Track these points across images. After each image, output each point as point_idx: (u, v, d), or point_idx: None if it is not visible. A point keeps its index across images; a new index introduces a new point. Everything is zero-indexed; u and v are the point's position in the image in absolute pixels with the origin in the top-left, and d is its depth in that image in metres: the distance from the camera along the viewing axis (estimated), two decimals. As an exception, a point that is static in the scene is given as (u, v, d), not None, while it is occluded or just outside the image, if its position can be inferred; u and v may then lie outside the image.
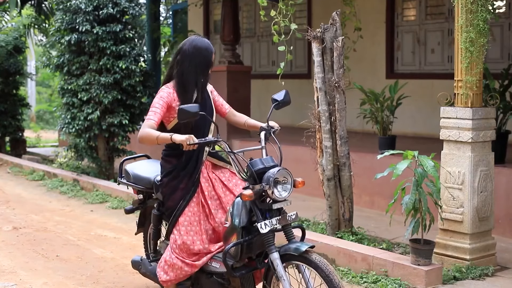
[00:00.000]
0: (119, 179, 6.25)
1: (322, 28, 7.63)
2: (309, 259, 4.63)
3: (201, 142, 4.93)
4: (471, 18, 6.47)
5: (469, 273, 6.51)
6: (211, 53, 5.31)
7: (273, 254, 4.71)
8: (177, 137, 4.87)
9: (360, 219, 8.43)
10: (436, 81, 11.59)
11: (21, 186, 12.48)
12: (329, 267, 4.59)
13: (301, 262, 4.71)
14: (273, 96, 5.34)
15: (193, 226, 5.23)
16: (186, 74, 5.25)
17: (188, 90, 5.24)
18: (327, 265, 4.59)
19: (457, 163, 6.69)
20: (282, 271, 4.67)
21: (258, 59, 15.87)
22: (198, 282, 5.39)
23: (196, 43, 5.29)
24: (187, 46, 5.28)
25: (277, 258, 4.69)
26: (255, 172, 4.81)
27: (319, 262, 4.59)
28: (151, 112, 5.14)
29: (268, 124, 5.30)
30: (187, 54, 5.26)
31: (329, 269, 4.56)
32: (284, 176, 4.81)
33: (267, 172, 4.78)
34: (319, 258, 4.63)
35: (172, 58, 5.42)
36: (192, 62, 5.24)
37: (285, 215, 4.86)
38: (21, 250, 7.96)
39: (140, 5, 12.46)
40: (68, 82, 11.98)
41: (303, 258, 4.66)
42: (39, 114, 29.01)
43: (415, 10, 12.48)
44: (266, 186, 4.72)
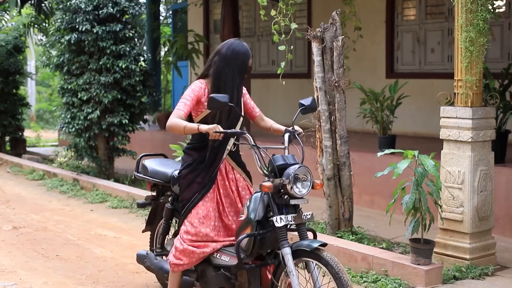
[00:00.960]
0: (135, 173, 6.33)
1: (322, 27, 7.63)
2: (320, 255, 4.71)
3: (227, 132, 5.03)
4: (471, 18, 6.47)
5: (469, 272, 6.51)
6: (248, 58, 5.40)
7: (285, 249, 4.78)
8: (204, 126, 5.01)
9: (360, 218, 8.43)
10: (436, 80, 11.59)
11: (21, 185, 12.48)
12: (339, 265, 4.67)
13: (312, 259, 4.78)
14: (300, 101, 5.42)
15: (205, 219, 5.29)
16: (222, 76, 5.34)
17: (221, 91, 5.29)
18: (337, 263, 4.68)
19: (457, 162, 6.69)
20: (292, 266, 4.74)
21: (258, 58, 15.86)
22: (204, 275, 5.43)
23: (234, 47, 5.38)
24: (225, 49, 5.37)
25: (288, 253, 4.76)
26: (277, 167, 4.91)
27: (330, 260, 4.68)
28: (181, 103, 5.26)
29: (293, 127, 5.34)
30: (224, 57, 5.34)
31: (339, 267, 4.65)
32: (304, 174, 4.93)
33: (288, 168, 4.89)
34: (330, 256, 4.71)
35: (209, 58, 5.51)
36: (230, 65, 5.32)
37: (300, 213, 4.98)
38: (21, 249, 7.96)
39: (140, 5, 12.46)
40: (68, 82, 11.98)
41: (314, 255, 4.74)
42: (39, 114, 29.00)
43: (415, 9, 12.48)
44: (286, 181, 4.82)
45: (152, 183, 6.19)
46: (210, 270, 5.37)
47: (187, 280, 5.55)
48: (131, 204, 10.19)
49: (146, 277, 6.82)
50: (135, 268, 7.12)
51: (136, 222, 9.31)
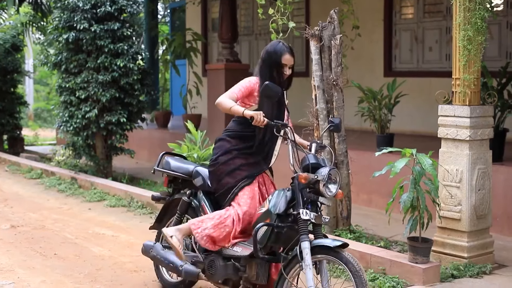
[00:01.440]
0: (155, 168, 6.45)
1: (320, 26, 7.63)
2: (341, 254, 4.87)
3: (270, 122, 5.27)
4: (469, 16, 6.47)
5: (467, 271, 6.51)
6: (279, 55, 5.66)
7: (304, 242, 4.91)
8: (249, 111, 5.37)
9: (358, 217, 8.44)
10: (434, 79, 11.59)
11: (19, 184, 12.47)
12: (359, 264, 4.85)
13: (332, 256, 4.91)
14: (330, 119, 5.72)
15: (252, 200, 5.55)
16: (262, 74, 5.71)
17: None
18: (358, 262, 4.86)
19: (455, 161, 6.69)
20: (310, 260, 4.85)
21: (256, 57, 15.84)
22: (212, 266, 5.54)
23: (268, 48, 5.79)
24: (263, 50, 5.82)
25: (307, 247, 4.88)
26: (311, 165, 5.14)
27: (351, 258, 4.85)
28: (236, 88, 5.69)
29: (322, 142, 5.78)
30: (262, 57, 5.78)
31: (360, 266, 4.83)
32: (335, 177, 5.17)
33: (320, 168, 5.12)
34: (350, 255, 4.88)
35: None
36: (265, 63, 5.71)
37: (320, 214, 5.16)
38: (19, 248, 7.95)
39: (138, 3, 12.44)
40: (66, 80, 11.97)
41: (335, 253, 4.89)
42: (37, 112, 28.96)
43: (413, 8, 12.48)
44: (321, 177, 5.03)
45: (169, 180, 6.36)
46: (220, 260, 5.49)
47: (193, 270, 5.62)
48: (129, 202, 10.19)
49: (145, 275, 6.82)
50: (133, 267, 7.12)
51: (134, 220, 9.31)
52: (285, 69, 5.69)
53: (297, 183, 5.08)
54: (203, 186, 5.89)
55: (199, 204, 5.92)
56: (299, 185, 5.07)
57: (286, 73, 5.71)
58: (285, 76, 5.71)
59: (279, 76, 5.66)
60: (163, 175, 6.42)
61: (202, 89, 14.45)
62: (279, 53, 5.66)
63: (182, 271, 5.70)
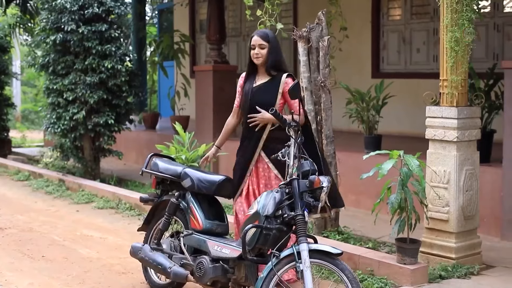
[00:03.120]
0: (143, 169, 6.44)
1: (308, 27, 7.64)
2: (337, 260, 4.97)
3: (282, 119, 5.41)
4: (456, 18, 6.49)
5: (454, 271, 6.53)
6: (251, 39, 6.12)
7: (303, 244, 4.95)
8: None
9: (346, 218, 8.44)
10: (421, 80, 11.62)
11: (6, 186, 12.43)
12: (354, 272, 5.00)
13: (327, 262, 4.99)
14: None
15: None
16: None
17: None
18: (352, 270, 4.98)
19: (443, 162, 6.71)
20: (309, 262, 4.90)
21: (244, 58, 15.85)
22: (200, 267, 5.54)
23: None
24: None
25: (306, 249, 4.92)
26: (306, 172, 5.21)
27: (347, 266, 4.97)
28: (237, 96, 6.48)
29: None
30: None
31: (354, 274, 4.95)
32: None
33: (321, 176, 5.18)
34: (345, 263, 5.00)
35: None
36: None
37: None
38: (6, 250, 7.92)
39: (126, 5, 12.44)
40: (53, 82, 11.93)
41: (331, 259, 4.98)
42: (25, 114, 28.87)
43: (400, 9, 12.51)
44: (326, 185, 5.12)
45: (157, 181, 6.36)
46: (208, 262, 5.48)
47: (181, 272, 5.63)
48: (117, 204, 10.17)
49: (133, 277, 6.81)
50: (121, 268, 7.11)
51: (122, 222, 9.30)
52: (255, 50, 6.02)
53: (296, 186, 5.09)
54: (191, 188, 5.90)
55: (187, 206, 5.93)
56: (299, 188, 5.08)
57: (257, 53, 6.01)
58: (257, 57, 6.02)
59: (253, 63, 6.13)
60: (151, 176, 6.42)
61: (190, 91, 14.44)
62: (250, 37, 6.14)
63: (171, 273, 5.70)
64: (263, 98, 5.99)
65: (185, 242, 5.84)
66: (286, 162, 5.25)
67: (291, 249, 4.99)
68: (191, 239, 5.78)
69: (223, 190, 5.91)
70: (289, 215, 5.04)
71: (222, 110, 12.08)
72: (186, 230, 5.93)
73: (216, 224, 5.87)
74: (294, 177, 5.13)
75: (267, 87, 6.05)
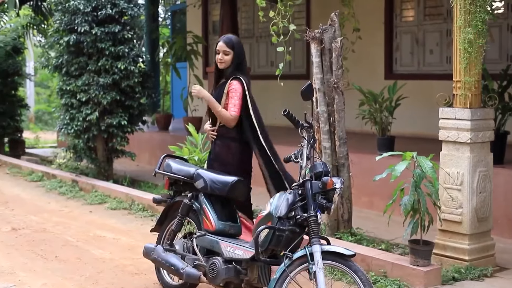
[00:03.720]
0: (156, 170, 6.45)
1: (321, 29, 7.63)
2: (350, 262, 4.97)
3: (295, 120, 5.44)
4: (470, 19, 6.47)
5: (468, 273, 6.51)
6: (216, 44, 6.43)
7: (316, 246, 4.96)
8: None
9: (359, 220, 8.43)
10: (434, 81, 11.58)
11: (19, 187, 12.47)
12: (366, 274, 5.00)
13: (340, 264, 5.00)
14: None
15: None
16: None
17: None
18: (365, 272, 4.99)
19: (456, 163, 6.69)
20: (321, 263, 4.90)
21: (257, 60, 15.87)
22: (213, 268, 5.55)
23: None
24: None
25: (319, 251, 4.93)
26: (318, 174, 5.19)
27: (360, 267, 4.98)
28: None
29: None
30: None
31: (367, 276, 4.95)
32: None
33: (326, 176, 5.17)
34: (358, 265, 5.00)
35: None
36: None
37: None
38: (20, 251, 7.96)
39: (139, 6, 12.46)
40: (66, 83, 11.97)
41: (344, 261, 4.99)
42: (38, 115, 28.96)
43: (413, 10, 12.48)
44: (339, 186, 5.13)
45: (170, 182, 6.37)
46: (221, 263, 5.50)
47: (194, 273, 5.64)
48: (130, 205, 10.19)
49: (145, 278, 6.82)
50: (134, 269, 7.13)
51: (135, 223, 9.31)
52: (219, 55, 6.34)
53: (309, 187, 5.09)
54: (204, 189, 5.90)
55: (200, 207, 5.93)
56: (312, 190, 5.08)
57: (220, 59, 6.32)
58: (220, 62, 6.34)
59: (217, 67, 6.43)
60: (164, 177, 6.43)
61: (203, 92, 14.42)
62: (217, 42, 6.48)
63: (184, 274, 5.71)
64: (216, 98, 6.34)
65: (198, 243, 5.84)
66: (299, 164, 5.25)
67: (304, 251, 4.99)
68: (204, 240, 5.79)
69: (236, 191, 5.91)
70: (302, 217, 5.04)
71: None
72: (199, 231, 5.93)
73: (229, 225, 5.87)
74: (307, 178, 5.12)
75: (220, 88, 6.37)
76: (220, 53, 6.32)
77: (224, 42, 6.36)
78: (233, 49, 6.32)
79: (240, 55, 6.38)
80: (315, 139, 5.46)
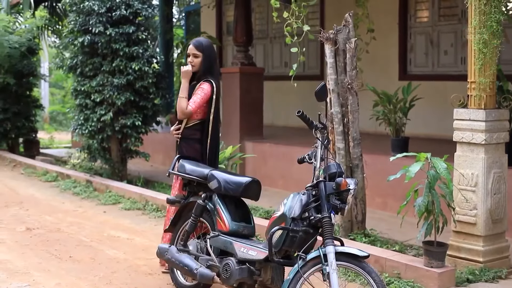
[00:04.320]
0: (170, 171, 6.51)
1: (335, 29, 7.63)
2: (363, 263, 4.96)
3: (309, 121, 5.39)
4: (484, 20, 6.45)
5: (482, 275, 6.49)
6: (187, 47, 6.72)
7: (329, 247, 4.94)
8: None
9: (373, 221, 8.42)
10: (449, 82, 11.55)
11: (34, 187, 12.52)
12: (380, 275, 5.00)
13: (354, 265, 4.99)
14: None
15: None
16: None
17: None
18: (378, 273, 4.98)
19: (471, 165, 6.67)
20: (335, 264, 4.89)
21: (271, 60, 15.87)
22: (227, 269, 5.54)
23: None
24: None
25: (333, 252, 4.92)
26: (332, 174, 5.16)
27: (373, 268, 4.96)
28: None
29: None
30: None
31: (381, 277, 4.94)
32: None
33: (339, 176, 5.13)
34: (372, 266, 4.99)
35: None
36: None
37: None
38: (34, 250, 7.99)
39: (153, 7, 12.48)
40: (81, 84, 12.01)
41: (358, 262, 4.97)
42: (53, 116, 29.10)
43: (428, 11, 12.45)
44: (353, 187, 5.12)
45: (184, 183, 6.42)
46: (234, 264, 5.49)
47: (208, 274, 5.65)
48: (144, 205, 10.21)
49: (159, 278, 6.83)
50: (148, 269, 7.14)
51: (149, 223, 9.33)
52: (189, 58, 6.60)
53: (323, 188, 5.08)
54: (218, 189, 5.90)
55: (214, 207, 5.94)
56: (326, 190, 5.07)
57: (191, 61, 6.59)
58: (190, 63, 6.59)
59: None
60: (178, 178, 6.44)
61: (216, 93, 14.43)
62: (187, 44, 6.60)
63: (197, 274, 5.71)
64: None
65: (211, 244, 5.85)
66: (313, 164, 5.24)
67: (318, 252, 4.98)
68: (217, 241, 5.79)
69: (250, 191, 5.90)
70: (315, 217, 5.03)
71: (249, 112, 12.11)
72: (212, 231, 5.94)
73: (243, 226, 5.87)
74: (321, 179, 5.12)
75: (192, 89, 6.63)
76: (190, 56, 6.58)
77: (193, 45, 6.61)
78: (203, 52, 6.56)
79: (211, 58, 6.62)
80: (329, 140, 5.44)
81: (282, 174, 11.19)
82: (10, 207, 10.52)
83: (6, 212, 10.17)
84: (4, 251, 7.96)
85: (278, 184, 11.20)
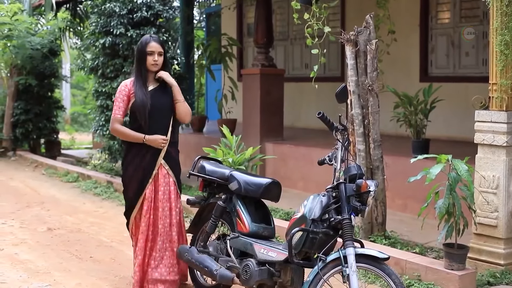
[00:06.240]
0: (190, 172, 6.52)
1: (356, 31, 7.61)
2: (383, 265, 4.93)
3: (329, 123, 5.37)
4: (506, 21, 6.42)
5: (503, 278, 6.45)
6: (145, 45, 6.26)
7: (349, 248, 4.92)
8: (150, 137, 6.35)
9: (393, 223, 8.40)
10: (470, 84, 11.50)
11: (55, 187, 12.60)
12: (400, 277, 4.95)
13: (374, 267, 4.96)
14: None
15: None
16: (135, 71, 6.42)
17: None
18: (399, 275, 4.94)
19: (492, 167, 6.63)
20: (355, 266, 4.88)
21: (291, 62, 15.86)
22: (247, 270, 5.53)
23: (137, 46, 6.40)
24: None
25: (353, 253, 4.90)
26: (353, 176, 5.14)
27: (393, 270, 4.93)
28: (115, 108, 6.32)
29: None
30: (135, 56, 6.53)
31: (401, 279, 4.90)
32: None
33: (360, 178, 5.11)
34: (392, 268, 4.96)
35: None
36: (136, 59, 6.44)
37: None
38: (55, 251, 8.03)
39: (174, 8, 12.51)
40: (102, 85, 12.06)
41: (378, 264, 4.95)
42: (74, 117, 29.23)
43: (449, 12, 12.40)
44: (373, 189, 5.08)
45: (204, 184, 6.41)
46: (254, 265, 5.48)
47: (227, 275, 5.65)
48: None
49: (179, 279, 6.84)
50: (167, 270, 7.15)
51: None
52: (154, 57, 6.21)
53: (343, 189, 5.06)
54: (238, 191, 5.90)
55: (234, 209, 5.94)
56: (346, 192, 5.06)
57: (157, 60, 6.24)
58: (155, 64, 6.26)
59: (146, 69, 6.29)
60: (198, 179, 6.46)
61: (237, 94, 14.47)
62: (144, 43, 6.21)
63: (217, 275, 5.72)
64: (160, 101, 6.40)
65: (231, 245, 5.85)
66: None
67: (338, 253, 4.97)
68: (237, 242, 5.79)
69: (270, 193, 5.90)
70: (335, 219, 5.02)
71: (269, 113, 12.11)
72: (232, 232, 5.94)
73: (263, 227, 5.87)
74: (341, 180, 5.11)
75: (162, 91, 6.48)
76: (155, 54, 6.28)
77: (158, 43, 6.30)
78: (164, 50, 6.38)
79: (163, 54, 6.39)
80: (349, 141, 5.43)
81: (302, 176, 11.18)
82: (31, 208, 10.59)
83: (27, 212, 10.24)
84: (25, 251, 8.02)
85: (298, 185, 11.20)
